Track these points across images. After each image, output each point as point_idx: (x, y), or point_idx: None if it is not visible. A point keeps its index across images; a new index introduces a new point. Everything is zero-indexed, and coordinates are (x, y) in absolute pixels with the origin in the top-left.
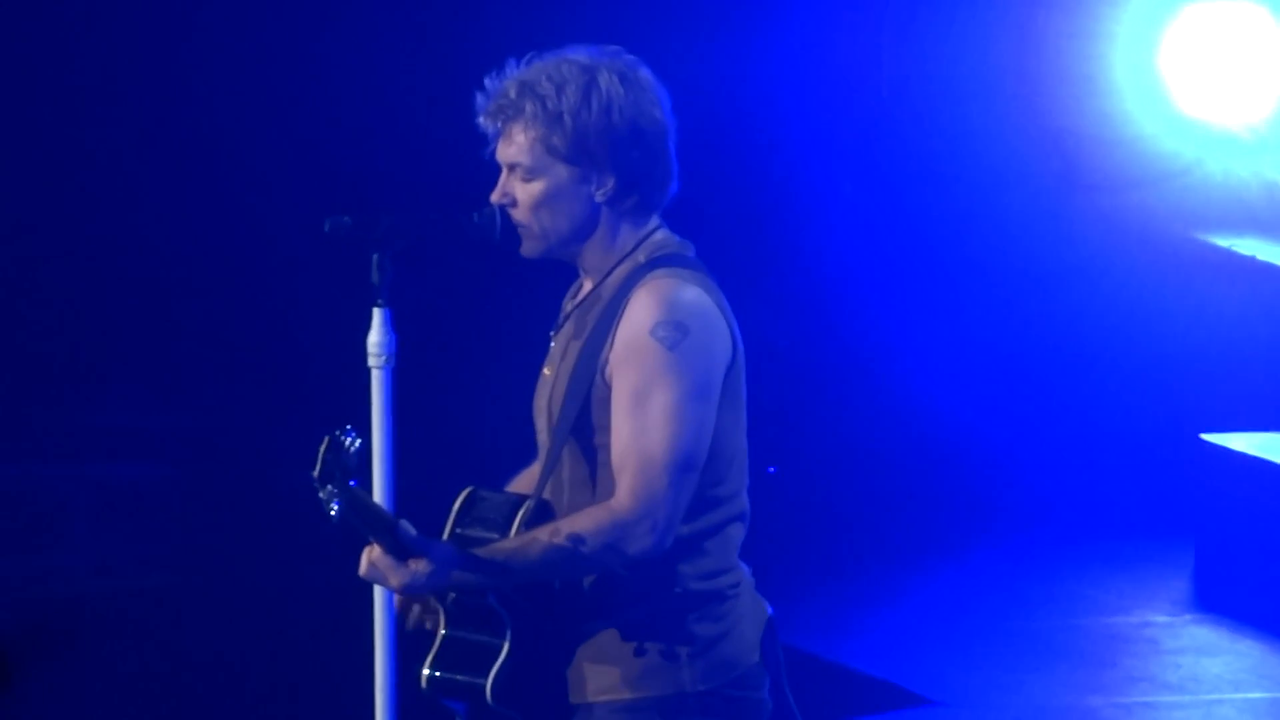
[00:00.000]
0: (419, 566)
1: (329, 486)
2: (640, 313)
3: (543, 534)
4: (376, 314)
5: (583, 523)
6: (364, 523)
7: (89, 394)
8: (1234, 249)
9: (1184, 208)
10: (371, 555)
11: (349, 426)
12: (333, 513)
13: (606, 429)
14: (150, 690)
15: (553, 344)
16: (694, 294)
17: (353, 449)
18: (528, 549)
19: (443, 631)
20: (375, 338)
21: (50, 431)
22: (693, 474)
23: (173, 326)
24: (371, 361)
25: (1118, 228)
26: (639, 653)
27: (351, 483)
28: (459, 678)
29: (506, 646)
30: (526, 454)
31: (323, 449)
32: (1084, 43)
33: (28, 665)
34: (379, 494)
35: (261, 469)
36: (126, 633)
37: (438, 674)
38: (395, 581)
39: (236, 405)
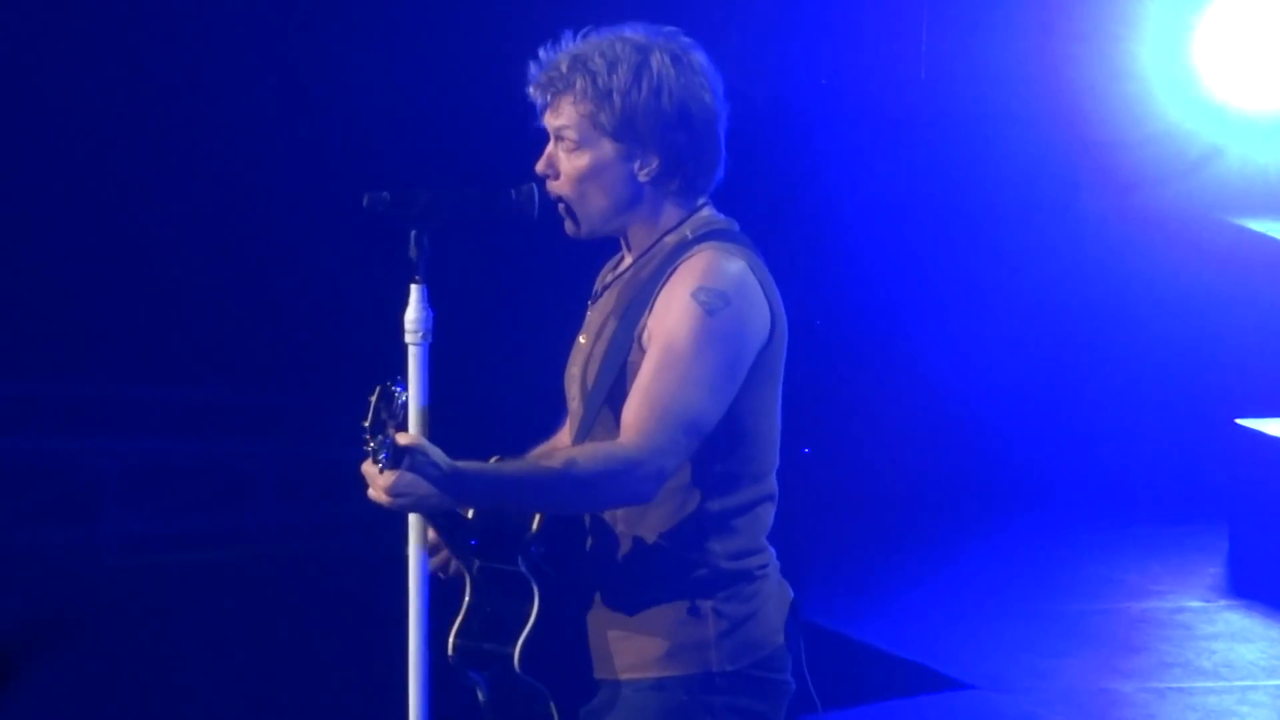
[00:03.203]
0: (406, 475)
1: (380, 437)
2: (684, 278)
3: (544, 460)
4: (414, 290)
5: (586, 453)
6: None
7: (126, 368)
8: (1268, 233)
9: (1217, 193)
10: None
11: (399, 377)
12: (381, 463)
13: None
14: (181, 664)
15: (590, 313)
16: (739, 267)
17: (401, 400)
18: (527, 471)
19: (468, 599)
20: (412, 314)
21: (86, 406)
22: (695, 439)
23: (212, 303)
24: (408, 338)
25: (1152, 215)
26: (667, 631)
27: None
28: (485, 645)
29: (534, 614)
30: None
31: (374, 399)
32: (1114, 40)
33: (56, 639)
34: None
35: (298, 444)
36: (163, 606)
37: (464, 642)
38: (382, 484)
39: (274, 381)
